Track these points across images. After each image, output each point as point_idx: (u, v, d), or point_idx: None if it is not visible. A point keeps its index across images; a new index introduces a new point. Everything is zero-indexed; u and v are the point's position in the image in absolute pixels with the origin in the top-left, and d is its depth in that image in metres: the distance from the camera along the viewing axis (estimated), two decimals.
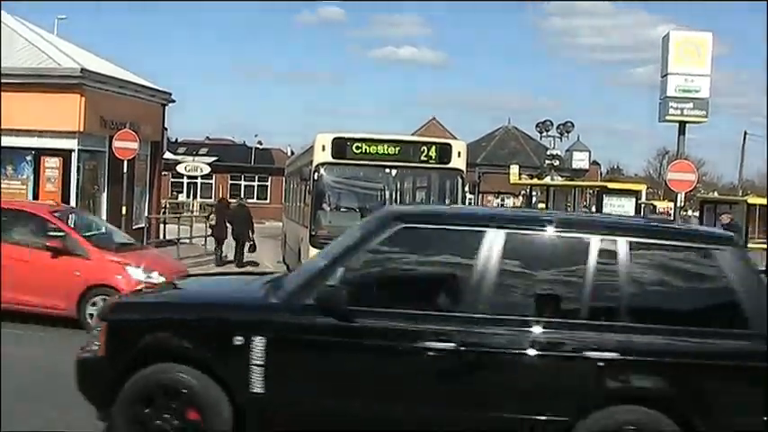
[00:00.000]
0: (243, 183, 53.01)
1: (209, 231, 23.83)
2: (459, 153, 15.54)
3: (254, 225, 23.27)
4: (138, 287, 9.85)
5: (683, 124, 19.22)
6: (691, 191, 21.34)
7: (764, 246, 28.27)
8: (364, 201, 16.32)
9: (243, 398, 6.18)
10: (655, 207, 35.08)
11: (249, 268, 21.49)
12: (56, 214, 13.21)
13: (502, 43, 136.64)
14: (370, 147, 15.29)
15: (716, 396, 6.06)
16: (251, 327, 6.22)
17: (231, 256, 22.95)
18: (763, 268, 24.70)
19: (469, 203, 38.00)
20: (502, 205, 70.66)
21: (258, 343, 6.13)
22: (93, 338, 6.72)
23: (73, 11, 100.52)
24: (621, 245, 6.26)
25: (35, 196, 21.29)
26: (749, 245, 25.06)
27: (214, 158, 49.49)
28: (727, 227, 18.36)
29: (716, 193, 54.29)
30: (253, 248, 22.72)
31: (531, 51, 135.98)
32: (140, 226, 22.78)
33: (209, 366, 6.20)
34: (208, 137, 70.21)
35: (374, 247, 6.53)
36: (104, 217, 22.41)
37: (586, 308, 6.19)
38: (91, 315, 11.30)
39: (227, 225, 22.91)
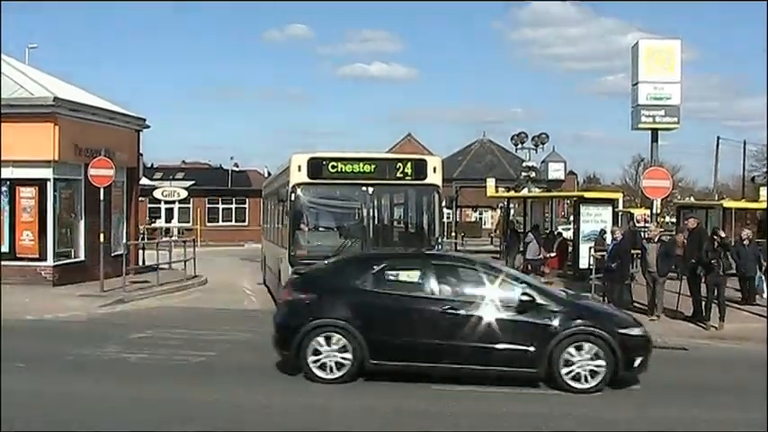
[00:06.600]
0: (221, 206, 52.86)
1: None
2: (434, 168, 15.61)
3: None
4: None
5: (655, 131, 19.35)
6: (666, 197, 21.46)
7: None
8: (342, 220, 16.35)
9: None
10: (632, 215, 35.31)
11: None
12: None
13: (473, 56, 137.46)
14: (345, 166, 15.32)
15: None
16: None
17: None
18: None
19: (447, 218, 38.15)
20: (480, 219, 70.73)
21: None
22: None
23: (42, 39, 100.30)
24: None
25: (11, 227, 21.13)
26: None
27: (191, 182, 49.23)
28: (692, 231, 18.35)
29: (692, 198, 54.81)
30: None
31: (502, 63, 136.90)
32: (119, 253, 22.57)
33: None
34: (184, 161, 69.98)
35: None
36: (82, 245, 22.33)
37: None
38: None
39: None
